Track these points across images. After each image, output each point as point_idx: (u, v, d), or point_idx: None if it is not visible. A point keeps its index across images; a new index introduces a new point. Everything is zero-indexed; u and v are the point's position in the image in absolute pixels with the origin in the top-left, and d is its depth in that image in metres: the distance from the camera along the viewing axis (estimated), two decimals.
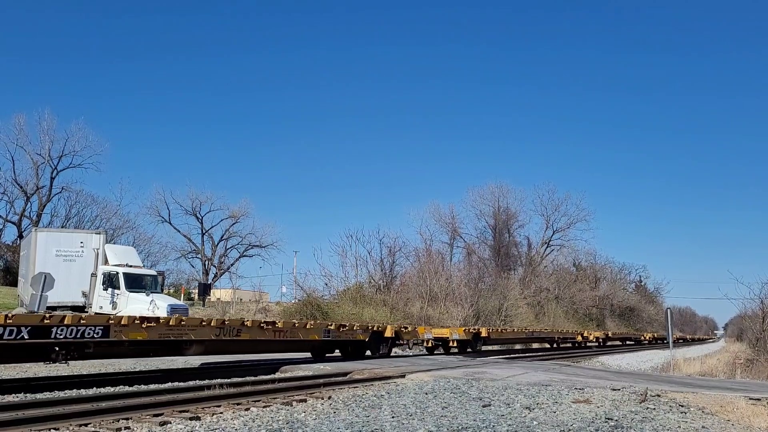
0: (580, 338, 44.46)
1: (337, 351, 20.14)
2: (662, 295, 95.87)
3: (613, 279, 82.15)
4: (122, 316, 13.04)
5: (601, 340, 49.09)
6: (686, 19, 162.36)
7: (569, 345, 43.76)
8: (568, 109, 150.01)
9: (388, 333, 20.64)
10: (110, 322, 12.51)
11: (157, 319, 13.79)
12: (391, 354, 21.68)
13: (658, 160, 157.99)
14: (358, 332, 19.43)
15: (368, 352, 20.29)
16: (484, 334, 28.39)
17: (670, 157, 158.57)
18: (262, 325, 16.08)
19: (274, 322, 16.68)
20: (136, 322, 13.05)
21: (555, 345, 42.14)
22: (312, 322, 18.48)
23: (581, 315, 66.07)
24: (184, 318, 14.57)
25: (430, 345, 25.56)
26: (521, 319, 48.24)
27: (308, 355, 19.25)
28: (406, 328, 22.63)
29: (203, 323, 14.50)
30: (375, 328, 20.45)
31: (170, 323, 13.79)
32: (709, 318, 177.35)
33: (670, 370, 26.11)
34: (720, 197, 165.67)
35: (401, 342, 22.25)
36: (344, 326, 19.01)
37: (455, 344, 26.59)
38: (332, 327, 18.55)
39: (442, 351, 26.47)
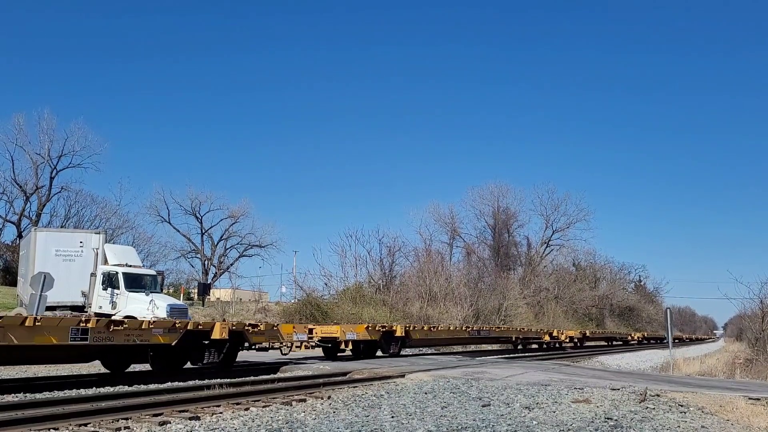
0: (547, 338, 37.92)
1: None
2: (662, 295, 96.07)
3: (613, 279, 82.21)
4: None
5: (576, 341, 42.72)
6: (686, 19, 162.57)
7: (535, 347, 38.12)
8: (568, 109, 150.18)
9: (216, 334, 14.92)
10: None
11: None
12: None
13: (658, 160, 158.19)
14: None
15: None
16: (399, 333, 22.62)
17: (670, 157, 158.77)
18: (247, 328, 15.81)
19: (255, 325, 16.24)
20: None
21: (516, 347, 35.57)
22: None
23: (581, 315, 66.11)
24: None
25: (303, 348, 19.81)
26: (521, 319, 48.28)
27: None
28: (255, 326, 16.49)
29: None
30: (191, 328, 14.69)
31: None
32: (709, 318, 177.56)
33: (670, 369, 26.12)
34: (720, 197, 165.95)
35: (247, 346, 16.45)
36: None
37: (349, 346, 20.93)
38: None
39: (325, 355, 21.07)
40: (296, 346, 18.58)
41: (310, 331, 19.93)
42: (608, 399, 11.24)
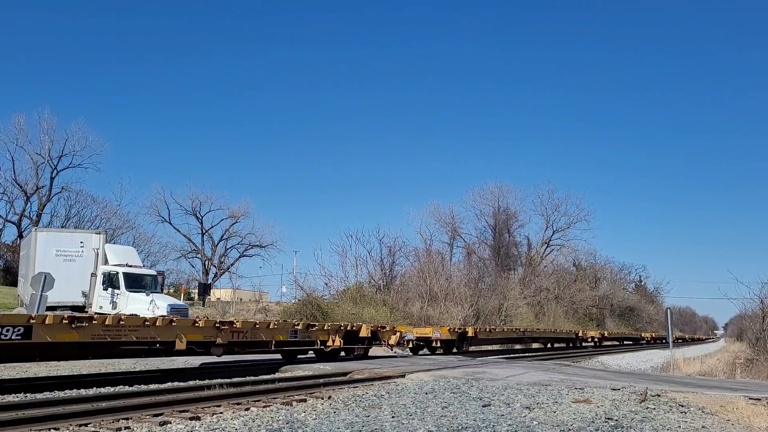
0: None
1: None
2: (662, 295, 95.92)
3: (613, 279, 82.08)
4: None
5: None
6: (686, 19, 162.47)
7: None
8: (568, 109, 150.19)
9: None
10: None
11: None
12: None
13: (659, 160, 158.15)
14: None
15: (342, 353, 19.19)
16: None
17: (671, 157, 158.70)
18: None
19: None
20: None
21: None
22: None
23: (581, 315, 66.05)
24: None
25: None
26: (521, 319, 48.22)
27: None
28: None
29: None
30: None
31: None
32: (709, 318, 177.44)
33: (670, 369, 26.11)
34: (720, 197, 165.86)
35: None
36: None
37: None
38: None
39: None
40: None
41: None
42: (609, 399, 11.23)
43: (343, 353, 19.31)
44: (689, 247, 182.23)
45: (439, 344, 25.62)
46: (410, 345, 24.41)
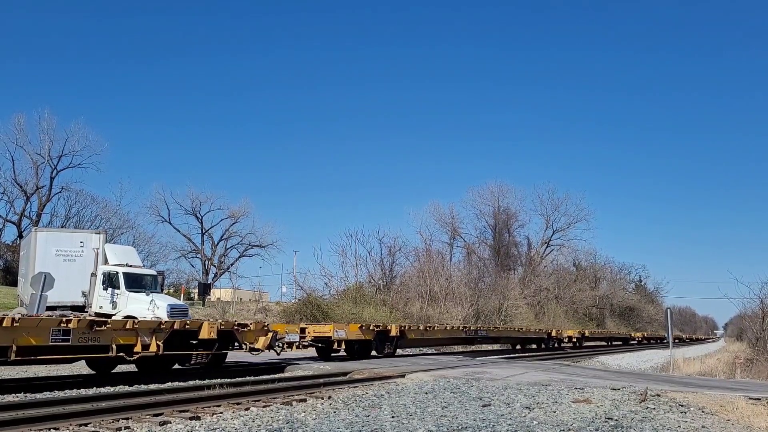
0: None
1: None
2: (662, 295, 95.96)
3: (613, 279, 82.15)
4: None
5: (575, 340, 42.97)
6: (686, 19, 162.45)
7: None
8: (568, 109, 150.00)
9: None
10: None
11: None
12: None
13: (659, 160, 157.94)
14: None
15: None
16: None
17: (671, 157, 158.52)
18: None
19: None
20: None
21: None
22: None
23: (581, 315, 66.10)
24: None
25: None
26: (521, 319, 48.27)
27: None
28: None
29: None
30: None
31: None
32: (709, 318, 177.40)
33: (670, 369, 26.11)
34: (720, 197, 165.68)
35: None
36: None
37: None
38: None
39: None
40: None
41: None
42: (609, 399, 11.23)
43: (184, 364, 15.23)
44: (689, 247, 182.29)
45: (343, 346, 20.36)
46: (294, 348, 18.58)
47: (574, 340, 42.76)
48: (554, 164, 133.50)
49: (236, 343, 15.92)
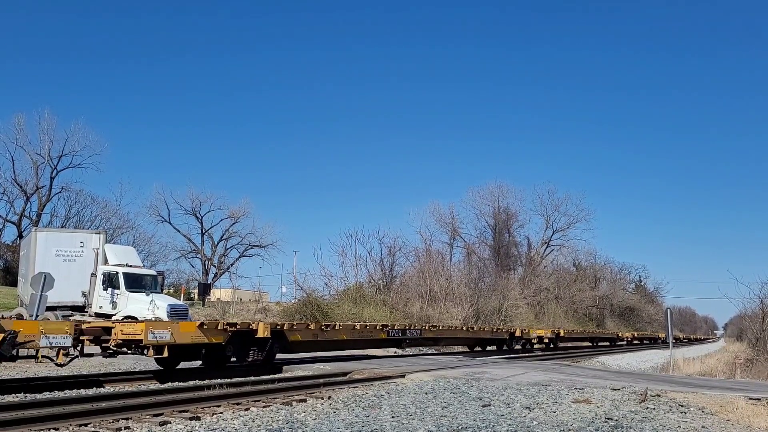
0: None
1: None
2: (662, 295, 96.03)
3: (613, 279, 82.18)
4: None
5: (547, 341, 37.01)
6: (686, 19, 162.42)
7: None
8: (568, 109, 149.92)
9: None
10: None
11: None
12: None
13: (659, 160, 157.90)
14: None
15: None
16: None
17: (671, 157, 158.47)
18: None
19: None
20: None
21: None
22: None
23: (581, 315, 66.11)
24: None
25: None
26: (521, 319, 48.25)
27: None
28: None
29: None
30: None
31: None
32: (709, 318, 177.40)
33: (670, 370, 26.12)
34: (720, 197, 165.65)
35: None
36: None
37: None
38: None
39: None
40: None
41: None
42: (609, 399, 11.24)
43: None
44: (689, 247, 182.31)
45: (165, 353, 13.49)
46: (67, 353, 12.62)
47: (546, 340, 37.12)
48: (554, 164, 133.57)
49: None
